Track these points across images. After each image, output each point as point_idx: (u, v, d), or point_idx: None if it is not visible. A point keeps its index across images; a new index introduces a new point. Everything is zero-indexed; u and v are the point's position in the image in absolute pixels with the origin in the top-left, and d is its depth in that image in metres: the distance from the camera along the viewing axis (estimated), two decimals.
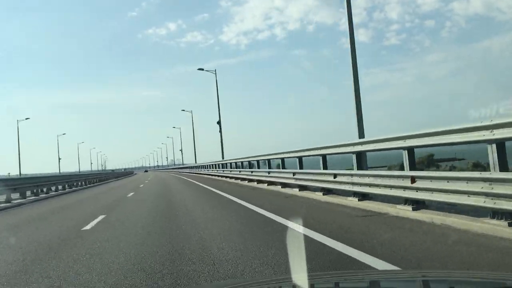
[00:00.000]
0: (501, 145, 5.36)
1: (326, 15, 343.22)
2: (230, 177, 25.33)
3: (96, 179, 41.33)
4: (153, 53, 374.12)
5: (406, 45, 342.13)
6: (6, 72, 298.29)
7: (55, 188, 25.01)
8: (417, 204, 7.01)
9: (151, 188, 24.69)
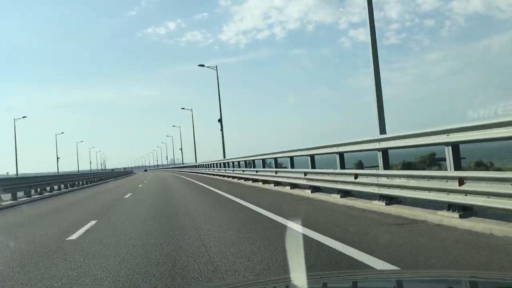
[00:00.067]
0: None
1: (326, 14, 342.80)
2: (232, 177, 24.25)
3: (94, 178, 40.19)
4: (152, 52, 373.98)
5: (406, 44, 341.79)
6: (5, 71, 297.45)
7: (50, 188, 23.87)
8: (465, 210, 5.90)
9: (150, 188, 23.65)
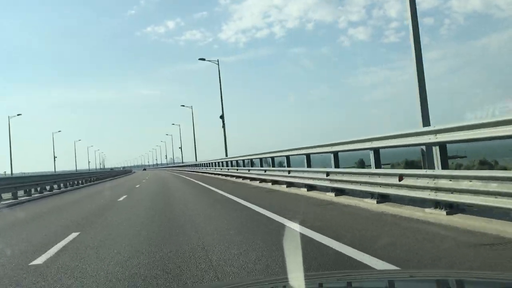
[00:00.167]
0: None
1: (325, 13, 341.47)
2: (236, 176, 22.56)
3: (91, 178, 38.43)
4: (152, 51, 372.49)
5: (405, 43, 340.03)
6: (4, 70, 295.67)
7: (40, 189, 22.12)
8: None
9: (149, 188, 22.00)
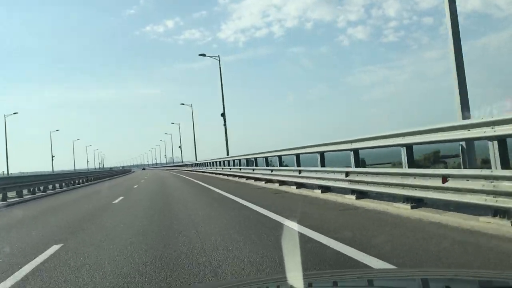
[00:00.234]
0: None
1: (324, 13, 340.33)
2: (239, 176, 21.45)
3: (87, 178, 37.27)
4: (151, 50, 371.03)
5: (404, 42, 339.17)
6: (2, 69, 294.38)
7: (33, 190, 20.97)
8: None
9: (148, 188, 20.90)
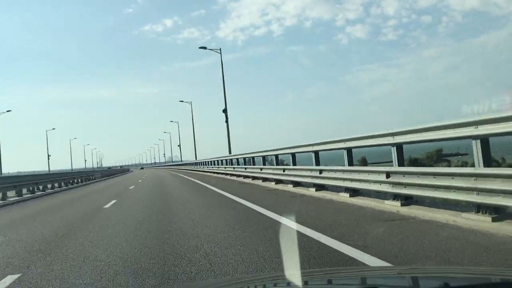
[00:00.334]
0: None
1: (323, 11, 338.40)
2: (244, 176, 19.70)
3: (82, 178, 35.40)
4: (150, 50, 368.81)
5: (402, 41, 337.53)
6: (1, 69, 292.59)
7: (18, 192, 19.16)
8: None
9: (145, 189, 19.15)
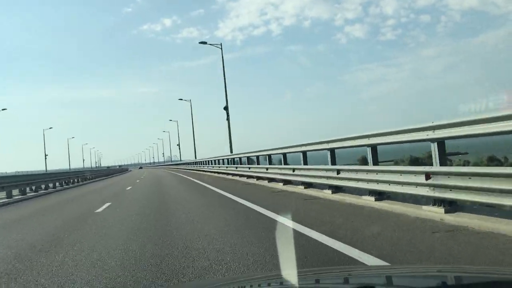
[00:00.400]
0: None
1: (321, 11, 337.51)
2: (247, 176, 18.63)
3: (78, 178, 34.33)
4: (149, 49, 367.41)
5: (401, 40, 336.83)
6: (1, 68, 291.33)
7: (8, 193, 18.09)
8: None
9: (143, 190, 18.14)
